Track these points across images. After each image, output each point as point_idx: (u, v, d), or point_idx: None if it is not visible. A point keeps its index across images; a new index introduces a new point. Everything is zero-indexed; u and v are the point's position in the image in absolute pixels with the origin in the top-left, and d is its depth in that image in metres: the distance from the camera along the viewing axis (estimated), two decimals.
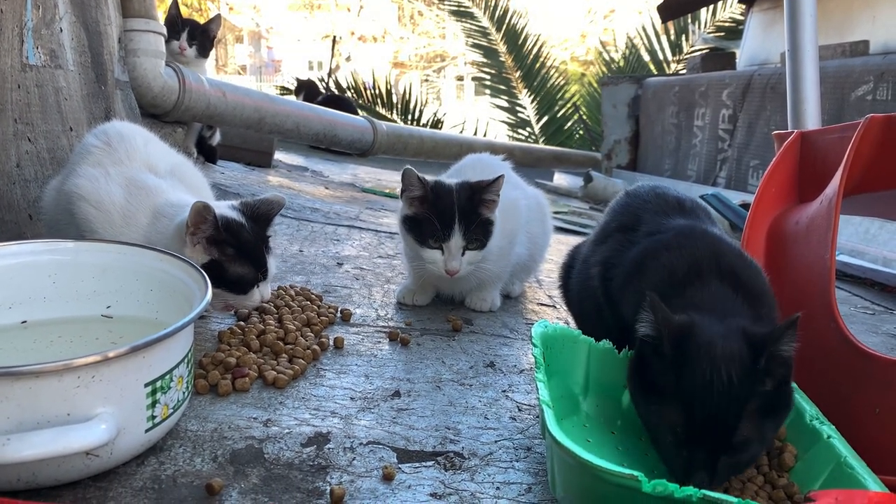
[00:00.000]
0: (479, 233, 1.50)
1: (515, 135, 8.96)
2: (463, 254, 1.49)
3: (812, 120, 1.75)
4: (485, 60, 9.05)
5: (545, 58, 8.83)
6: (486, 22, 8.87)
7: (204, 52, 2.93)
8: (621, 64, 8.68)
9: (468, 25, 9.03)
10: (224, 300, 1.25)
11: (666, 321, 0.91)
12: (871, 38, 4.04)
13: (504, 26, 8.78)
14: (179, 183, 1.35)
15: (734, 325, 0.93)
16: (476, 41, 9.01)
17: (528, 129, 8.85)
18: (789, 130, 1.41)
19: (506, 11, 8.78)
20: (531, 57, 8.72)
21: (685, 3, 6.87)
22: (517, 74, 8.82)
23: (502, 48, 8.84)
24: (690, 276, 1.02)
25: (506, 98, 9.01)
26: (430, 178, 1.54)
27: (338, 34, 9.83)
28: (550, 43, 9.35)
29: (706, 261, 1.03)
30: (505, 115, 9.04)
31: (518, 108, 8.93)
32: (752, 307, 1.00)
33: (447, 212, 1.47)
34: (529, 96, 8.79)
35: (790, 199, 1.34)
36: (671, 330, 0.90)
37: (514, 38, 8.76)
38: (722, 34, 7.90)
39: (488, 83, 9.19)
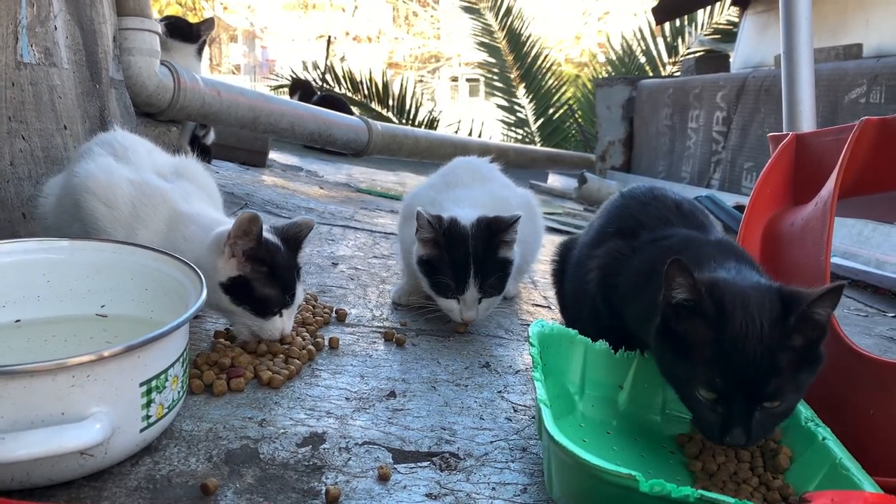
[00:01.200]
0: (496, 279, 1.43)
1: (513, 134, 9.00)
2: (479, 302, 1.44)
3: (807, 122, 1.76)
4: (489, 59, 9.09)
5: (544, 59, 8.87)
6: (490, 19, 8.91)
7: (187, 38, 2.91)
8: (617, 65, 8.69)
9: (475, 23, 9.05)
10: (248, 327, 1.19)
11: (702, 281, 0.92)
12: (865, 42, 4.06)
13: (506, 26, 8.83)
14: (189, 184, 1.30)
15: (767, 283, 0.96)
16: (481, 39, 9.06)
17: (526, 128, 8.88)
18: (784, 132, 1.41)
19: (509, 11, 8.82)
20: (530, 57, 8.77)
21: (680, 5, 6.88)
22: (516, 74, 8.85)
23: (505, 47, 8.88)
24: (706, 266, 1.02)
25: (505, 97, 9.05)
26: (445, 216, 1.44)
27: (332, 34, 9.82)
28: (547, 44, 9.37)
29: (717, 256, 1.04)
30: (503, 115, 9.08)
31: (516, 108, 8.98)
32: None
33: (462, 263, 1.40)
34: (528, 97, 8.83)
35: (785, 201, 1.34)
36: (709, 288, 0.92)
37: (515, 38, 8.80)
38: (718, 36, 7.92)
39: (490, 82, 9.25)
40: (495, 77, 9.12)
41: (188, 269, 1.06)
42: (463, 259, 1.39)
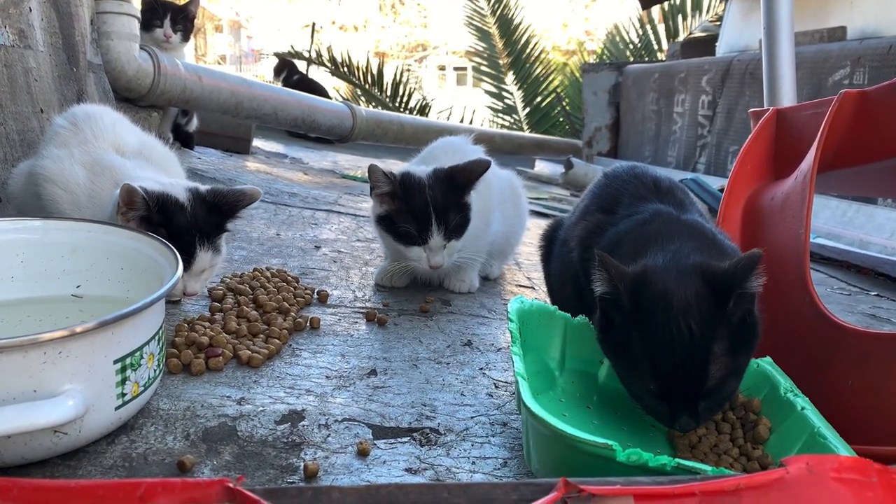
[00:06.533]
0: (458, 224, 1.47)
1: (501, 121, 8.96)
2: (444, 247, 1.47)
3: (788, 97, 1.76)
4: (480, 44, 9.02)
5: (534, 46, 8.83)
6: (483, 3, 8.84)
7: (187, 36, 2.89)
8: (608, 52, 8.66)
9: (467, 4, 8.96)
10: None
11: (620, 274, 0.91)
12: (849, 24, 4.06)
13: (498, 12, 8.76)
14: (147, 163, 1.33)
15: (690, 266, 0.92)
16: (473, 22, 8.98)
17: (514, 115, 8.84)
18: (765, 108, 1.41)
19: None
20: (521, 44, 8.72)
21: None
22: (506, 61, 8.81)
23: (495, 33, 8.82)
24: (659, 241, 1.02)
25: (494, 84, 9.00)
26: (397, 170, 1.48)
27: (318, 23, 9.72)
28: (536, 32, 9.30)
29: (677, 229, 1.04)
30: (492, 101, 9.03)
31: (505, 95, 8.93)
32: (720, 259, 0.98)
33: (422, 210, 1.43)
34: (516, 83, 8.79)
35: (766, 176, 1.34)
36: (626, 283, 0.90)
37: (506, 24, 8.74)
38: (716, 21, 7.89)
39: (479, 67, 9.18)
40: (485, 63, 9.06)
41: (164, 247, 1.05)
42: (422, 208, 1.42)
